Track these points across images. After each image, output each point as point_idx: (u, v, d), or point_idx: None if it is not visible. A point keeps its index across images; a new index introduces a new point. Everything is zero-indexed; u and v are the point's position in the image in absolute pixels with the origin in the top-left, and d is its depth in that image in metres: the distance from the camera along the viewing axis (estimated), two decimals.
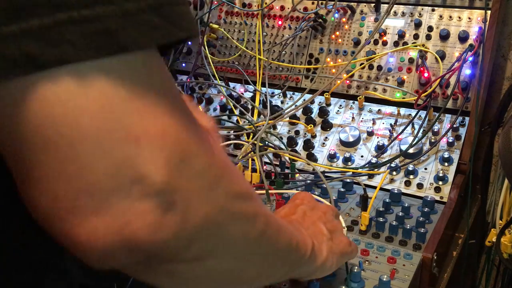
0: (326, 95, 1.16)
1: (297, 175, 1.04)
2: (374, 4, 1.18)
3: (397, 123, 1.09)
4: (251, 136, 1.11)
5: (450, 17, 1.11)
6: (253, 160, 1.03)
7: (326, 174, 1.03)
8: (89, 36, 0.29)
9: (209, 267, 0.38)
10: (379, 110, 1.13)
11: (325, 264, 0.60)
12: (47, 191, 0.31)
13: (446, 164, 1.00)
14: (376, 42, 1.17)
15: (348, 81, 1.18)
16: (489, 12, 1.05)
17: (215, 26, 1.33)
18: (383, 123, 1.11)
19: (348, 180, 0.99)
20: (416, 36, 1.13)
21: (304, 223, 0.61)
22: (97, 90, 0.30)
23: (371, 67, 1.17)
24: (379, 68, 1.16)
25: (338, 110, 1.16)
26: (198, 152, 0.34)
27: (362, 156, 1.07)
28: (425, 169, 1.01)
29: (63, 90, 0.30)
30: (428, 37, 1.12)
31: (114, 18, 0.30)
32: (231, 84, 1.30)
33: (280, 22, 1.28)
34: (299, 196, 0.70)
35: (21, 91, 0.29)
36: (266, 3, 1.28)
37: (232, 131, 1.17)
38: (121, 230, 0.31)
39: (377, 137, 1.09)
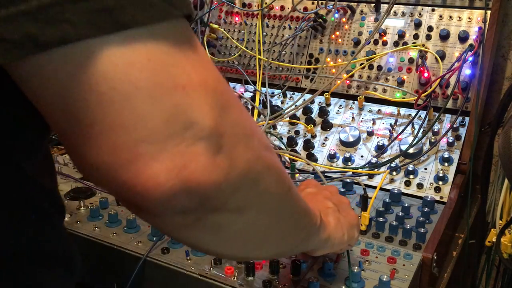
0: (326, 95, 1.16)
1: (297, 175, 1.04)
2: (374, 4, 1.18)
3: (397, 123, 1.09)
4: None
5: (450, 17, 1.11)
6: None
7: (326, 174, 1.03)
8: (88, 14, 0.30)
9: (249, 220, 0.41)
10: (379, 110, 1.13)
11: (334, 235, 0.62)
12: (107, 144, 0.33)
13: (446, 164, 1.00)
14: (376, 42, 1.17)
15: (348, 81, 1.18)
16: (489, 12, 1.05)
17: (215, 26, 1.33)
18: (383, 123, 1.11)
19: (348, 180, 0.99)
20: (416, 36, 1.13)
21: (310, 201, 0.63)
22: (143, 48, 0.32)
23: (371, 67, 1.17)
24: (379, 68, 1.16)
25: (338, 110, 1.16)
26: (233, 103, 0.38)
27: (362, 156, 1.07)
28: (425, 169, 1.01)
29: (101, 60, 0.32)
30: (428, 37, 1.12)
31: None
32: (231, 84, 1.30)
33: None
34: (304, 183, 0.75)
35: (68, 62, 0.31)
36: (266, 3, 1.28)
37: None
38: (180, 172, 0.33)
39: (377, 137, 1.09)
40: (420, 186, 0.98)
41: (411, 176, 1.00)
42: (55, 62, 0.31)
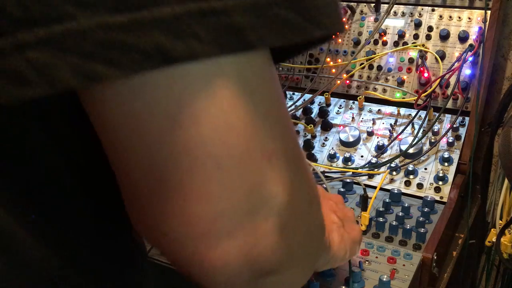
0: (326, 95, 1.16)
1: None
2: (374, 4, 1.18)
3: (397, 123, 1.09)
4: None
5: (450, 17, 1.11)
6: None
7: (326, 174, 1.03)
8: (216, 30, 0.26)
9: (288, 278, 0.38)
10: (379, 110, 1.13)
11: (337, 253, 0.60)
12: (187, 214, 0.29)
13: (446, 164, 1.00)
14: (376, 42, 1.17)
15: (348, 81, 1.18)
16: (489, 12, 1.05)
17: None
18: (383, 123, 1.11)
19: (348, 180, 0.99)
20: (416, 36, 1.13)
21: None
22: (232, 102, 0.28)
23: (371, 67, 1.17)
24: (379, 68, 1.16)
25: (338, 110, 1.16)
26: (305, 166, 0.35)
27: (362, 156, 1.07)
28: (425, 169, 1.01)
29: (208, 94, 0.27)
30: (428, 37, 1.12)
31: (243, 12, 0.26)
32: None
33: None
34: None
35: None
36: None
37: None
38: (250, 251, 0.31)
39: (377, 137, 1.09)
40: (420, 186, 0.98)
41: (411, 176, 1.00)
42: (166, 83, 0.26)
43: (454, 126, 1.03)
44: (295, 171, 0.32)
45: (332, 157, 1.07)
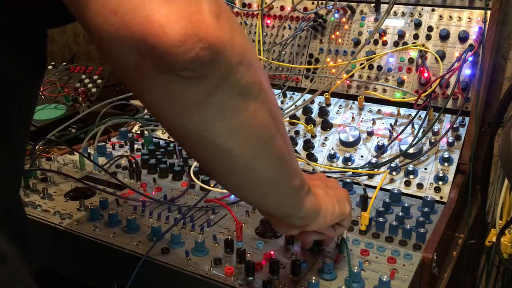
0: (326, 95, 1.16)
1: None
2: (374, 4, 1.18)
3: (397, 123, 1.09)
4: None
5: (450, 17, 1.11)
6: None
7: (326, 174, 1.03)
8: None
9: (251, 113, 0.44)
10: (379, 110, 1.13)
11: (325, 205, 0.63)
12: None
13: (446, 164, 1.00)
14: (376, 42, 1.17)
15: (348, 81, 1.18)
16: (489, 12, 1.05)
17: None
18: (383, 123, 1.11)
19: (348, 180, 0.99)
20: (416, 36, 1.13)
21: None
22: None
23: (371, 67, 1.17)
24: (379, 68, 1.16)
25: (338, 110, 1.16)
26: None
27: (362, 156, 1.07)
28: (425, 169, 1.01)
29: None
30: (428, 37, 1.12)
31: None
32: None
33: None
34: None
35: None
36: (266, 3, 1.28)
37: None
38: (191, 16, 0.38)
39: (377, 137, 1.09)
40: (420, 186, 0.98)
41: (411, 176, 1.00)
42: None
43: (454, 126, 1.03)
44: None
45: (332, 157, 1.08)
